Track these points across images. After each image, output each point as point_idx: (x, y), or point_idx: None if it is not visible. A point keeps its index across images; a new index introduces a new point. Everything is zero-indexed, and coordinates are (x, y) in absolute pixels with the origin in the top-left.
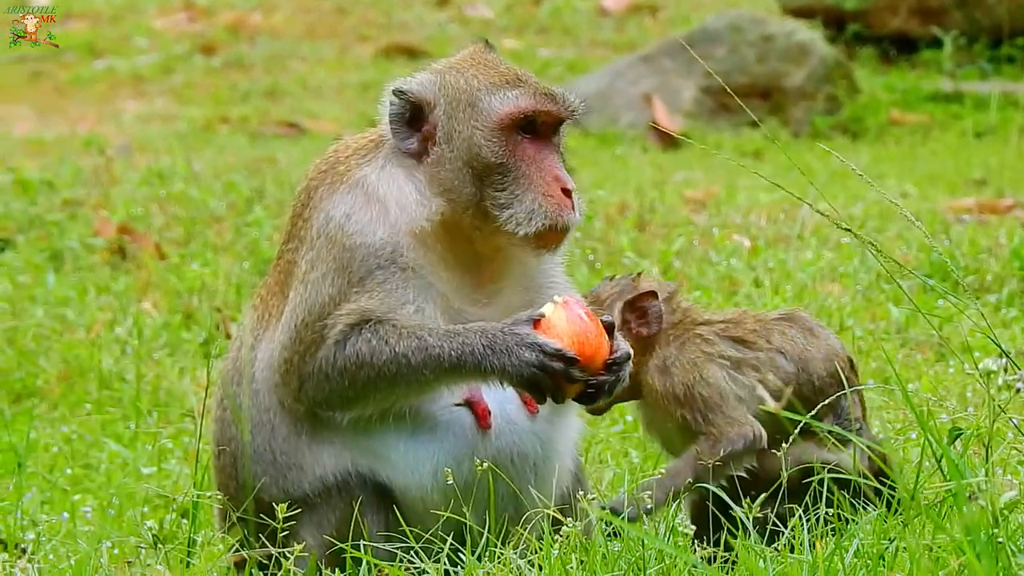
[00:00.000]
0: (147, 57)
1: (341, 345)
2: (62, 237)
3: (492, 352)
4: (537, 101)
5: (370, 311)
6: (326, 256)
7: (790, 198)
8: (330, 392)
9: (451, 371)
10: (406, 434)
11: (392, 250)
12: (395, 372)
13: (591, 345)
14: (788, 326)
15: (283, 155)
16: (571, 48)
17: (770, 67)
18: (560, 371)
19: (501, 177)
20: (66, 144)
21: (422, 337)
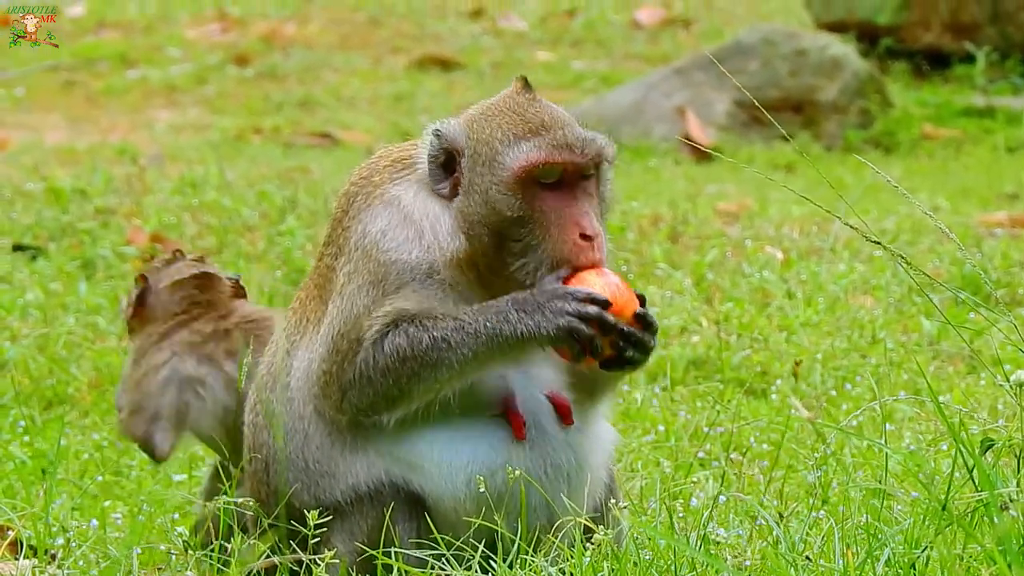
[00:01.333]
0: (180, 67)
1: (379, 345)
2: (94, 245)
3: (526, 313)
4: (551, 153)
5: (405, 310)
6: (362, 269)
7: (822, 212)
8: (374, 395)
9: (490, 343)
10: (441, 444)
11: (428, 267)
12: (436, 358)
13: (623, 296)
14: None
15: (316, 165)
16: (604, 61)
17: (803, 81)
18: (594, 314)
19: (519, 229)
20: (98, 153)
21: (457, 317)
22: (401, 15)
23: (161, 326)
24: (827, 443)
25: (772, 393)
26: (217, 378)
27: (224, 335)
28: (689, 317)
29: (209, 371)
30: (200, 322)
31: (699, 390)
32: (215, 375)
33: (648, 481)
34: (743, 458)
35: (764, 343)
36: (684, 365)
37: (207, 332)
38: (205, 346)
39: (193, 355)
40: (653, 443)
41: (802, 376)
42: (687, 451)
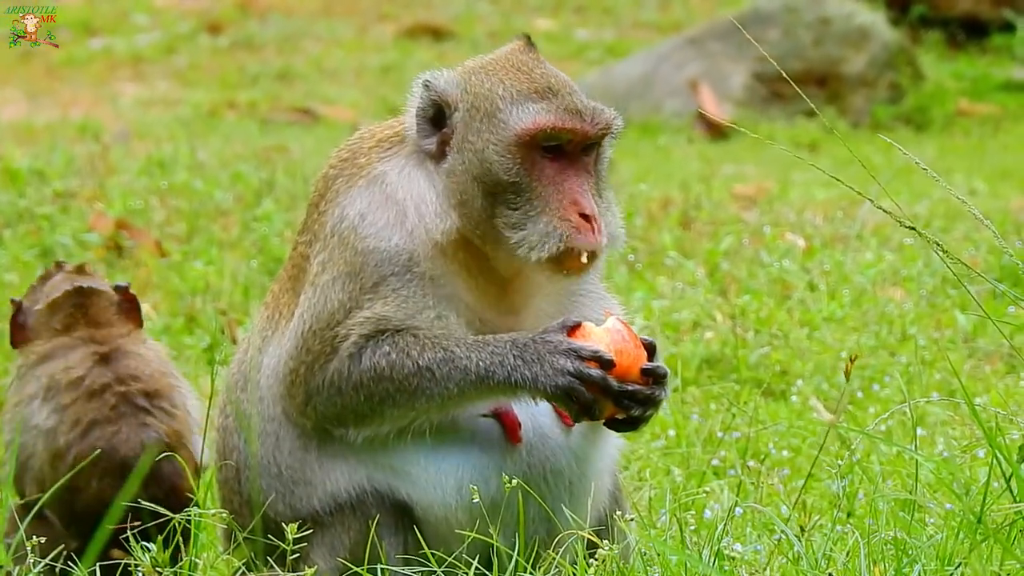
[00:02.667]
0: (148, 36)
1: (356, 358)
2: (53, 232)
3: (523, 362)
4: (560, 118)
5: (386, 319)
6: (337, 258)
7: (848, 195)
8: (342, 408)
9: (479, 384)
10: (428, 447)
11: (408, 258)
12: (417, 386)
13: (629, 354)
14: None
15: (295, 144)
16: (611, 29)
17: (827, 52)
18: (597, 378)
19: (515, 196)
20: (58, 130)
21: (448, 348)
22: None
23: (41, 345)
24: (852, 449)
25: (793, 395)
26: (63, 423)
27: (83, 383)
28: (702, 311)
29: (59, 421)
30: (75, 351)
31: (713, 391)
32: (63, 423)
33: (657, 491)
34: (761, 466)
35: (784, 340)
36: (697, 364)
37: (72, 376)
38: (66, 392)
39: (50, 402)
40: (663, 449)
41: (825, 376)
42: (700, 458)
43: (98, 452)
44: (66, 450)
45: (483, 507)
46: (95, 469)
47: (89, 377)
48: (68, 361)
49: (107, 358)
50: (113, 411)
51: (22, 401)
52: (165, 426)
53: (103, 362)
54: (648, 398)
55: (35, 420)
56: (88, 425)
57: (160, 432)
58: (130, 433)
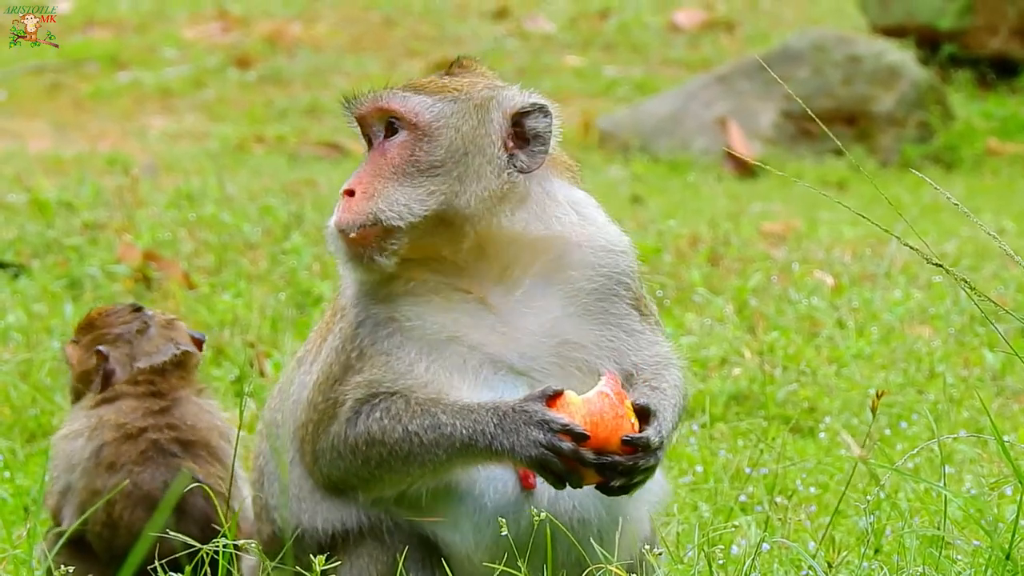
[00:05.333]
0: (176, 69)
1: (352, 423)
2: (81, 263)
3: (502, 431)
4: (348, 112)
5: (377, 382)
6: (336, 310)
7: (876, 232)
8: (344, 471)
9: (463, 451)
10: (445, 486)
11: (365, 300)
12: (408, 452)
13: (606, 426)
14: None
15: (323, 178)
16: (640, 66)
17: (857, 90)
18: (568, 451)
19: None
20: (86, 162)
21: (434, 414)
22: (418, 15)
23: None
24: (881, 485)
25: (821, 431)
26: (100, 464)
27: (139, 438)
28: (730, 347)
29: (97, 461)
30: (132, 400)
31: (741, 427)
32: (100, 464)
33: (685, 526)
34: (788, 502)
35: (812, 376)
36: (724, 400)
37: (118, 420)
38: (107, 433)
39: (92, 441)
40: (691, 485)
41: (853, 412)
42: (727, 494)
43: (127, 489)
44: (101, 488)
45: (510, 542)
46: (126, 505)
47: (131, 423)
48: (121, 407)
49: (160, 409)
50: (141, 454)
51: (68, 435)
52: (198, 468)
53: (154, 411)
54: (629, 468)
55: (76, 457)
56: (119, 466)
57: (188, 470)
58: (155, 472)
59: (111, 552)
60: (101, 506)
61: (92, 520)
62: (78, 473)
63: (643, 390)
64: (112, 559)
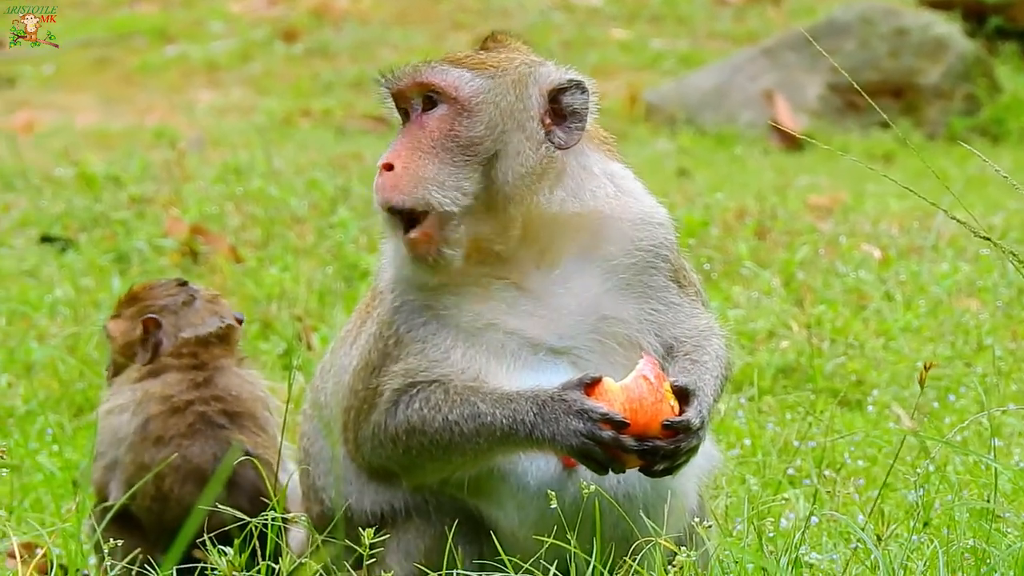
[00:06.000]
0: (223, 43)
1: (392, 413)
2: (129, 237)
3: (542, 421)
4: (383, 84)
5: (414, 370)
6: (374, 296)
7: (923, 205)
8: (387, 459)
9: (504, 440)
10: (483, 478)
11: (403, 288)
12: (448, 440)
13: (646, 411)
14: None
15: (370, 152)
16: (686, 39)
17: (903, 63)
18: (608, 439)
19: None
20: (134, 136)
21: (474, 403)
22: None
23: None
24: (930, 458)
25: (869, 404)
26: (147, 438)
27: (186, 410)
28: (778, 321)
29: (143, 435)
30: (175, 373)
31: (789, 400)
32: (147, 438)
33: (734, 500)
34: (837, 475)
35: (860, 349)
36: (772, 373)
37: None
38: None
39: (138, 416)
40: (739, 458)
41: (901, 385)
42: (776, 467)
43: (176, 462)
44: (148, 462)
45: (557, 516)
46: (176, 478)
47: (177, 396)
48: (166, 380)
49: (204, 380)
50: (189, 427)
51: (113, 410)
52: (246, 439)
53: (198, 383)
54: (671, 452)
55: (122, 432)
56: (167, 439)
57: (237, 442)
58: (204, 445)
59: (161, 526)
60: (150, 480)
61: (141, 494)
62: (124, 447)
63: (684, 364)
64: (161, 533)
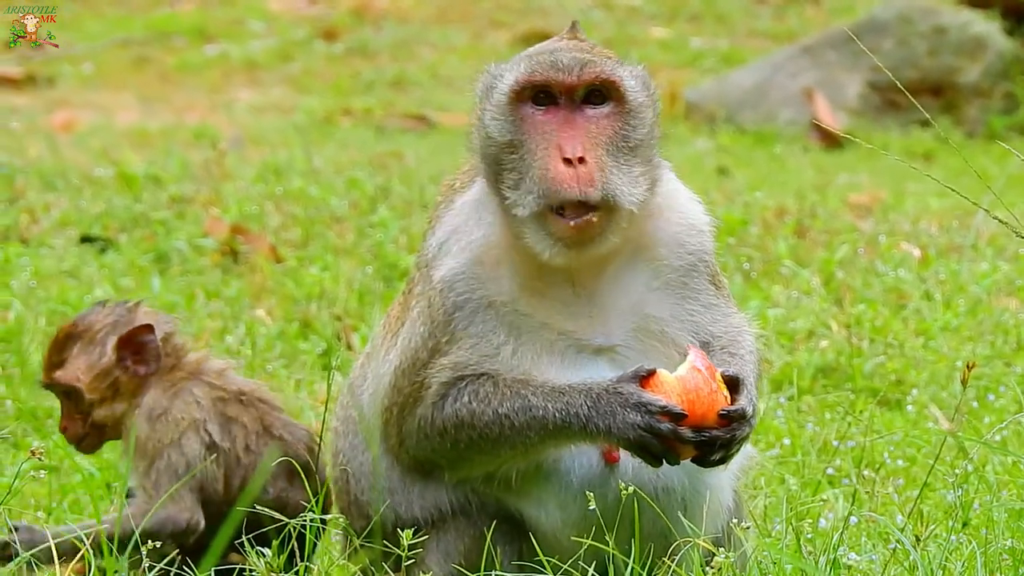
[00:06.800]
0: (263, 42)
1: (439, 407)
2: (169, 237)
3: (597, 414)
4: (535, 70)
5: (463, 364)
6: (424, 291)
7: (963, 204)
8: (432, 452)
9: (556, 432)
10: (527, 472)
11: (466, 284)
12: (498, 434)
13: (703, 402)
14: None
15: (410, 151)
16: (726, 38)
17: (942, 61)
18: (667, 432)
19: (509, 156)
20: (173, 136)
21: (525, 396)
22: None
23: (170, 376)
24: (969, 458)
25: (908, 404)
26: (235, 442)
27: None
28: (817, 320)
29: (231, 439)
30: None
31: (828, 400)
32: (235, 442)
33: (772, 499)
34: (876, 475)
35: (899, 349)
36: (812, 373)
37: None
38: (228, 406)
39: (218, 419)
40: (778, 458)
41: (940, 385)
42: (815, 467)
43: (267, 460)
44: (236, 465)
45: (597, 517)
46: (268, 476)
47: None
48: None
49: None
50: (258, 422)
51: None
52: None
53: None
54: (727, 441)
55: (199, 446)
56: (254, 436)
57: (303, 428)
58: (283, 432)
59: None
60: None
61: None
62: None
63: (722, 357)
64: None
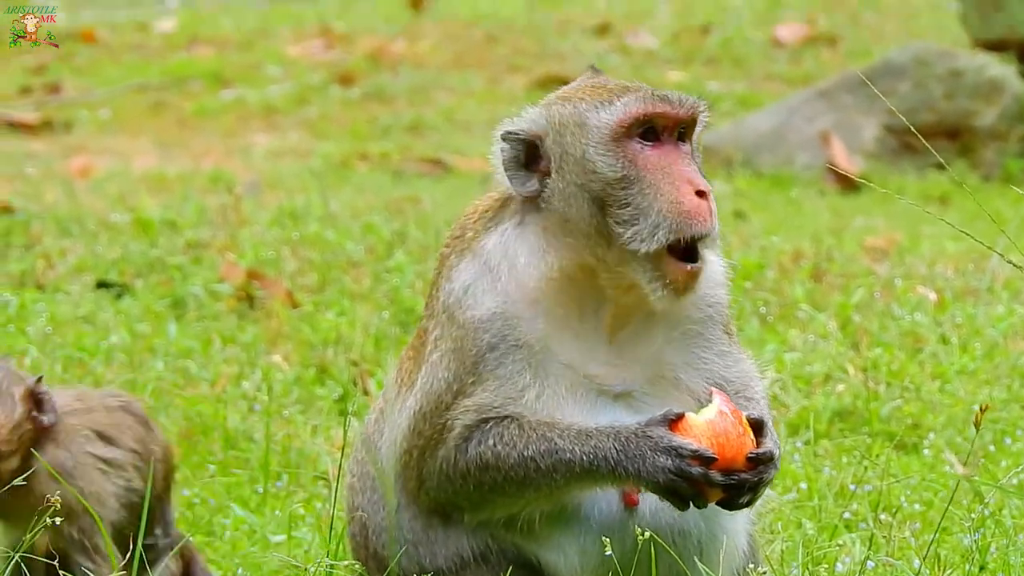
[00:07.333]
0: (279, 87)
1: (463, 449)
2: (185, 282)
3: (626, 457)
4: (648, 103)
5: (487, 406)
6: (446, 334)
7: (979, 247)
8: (453, 494)
9: (583, 476)
10: (547, 515)
11: (502, 324)
12: (523, 476)
13: (732, 445)
14: (128, 417)
15: (427, 195)
16: (742, 81)
17: (959, 105)
18: (698, 476)
19: (623, 192)
20: (190, 181)
21: (551, 439)
22: (520, 31)
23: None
24: (985, 503)
25: (925, 448)
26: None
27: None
28: (834, 364)
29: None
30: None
31: (845, 444)
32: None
33: (789, 544)
34: (893, 519)
35: (916, 392)
36: (828, 416)
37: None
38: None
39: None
40: (795, 502)
41: (957, 429)
42: (832, 511)
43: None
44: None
45: (614, 562)
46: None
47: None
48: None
49: None
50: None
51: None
52: None
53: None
54: (755, 484)
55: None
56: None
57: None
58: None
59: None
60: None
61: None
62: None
63: (738, 401)
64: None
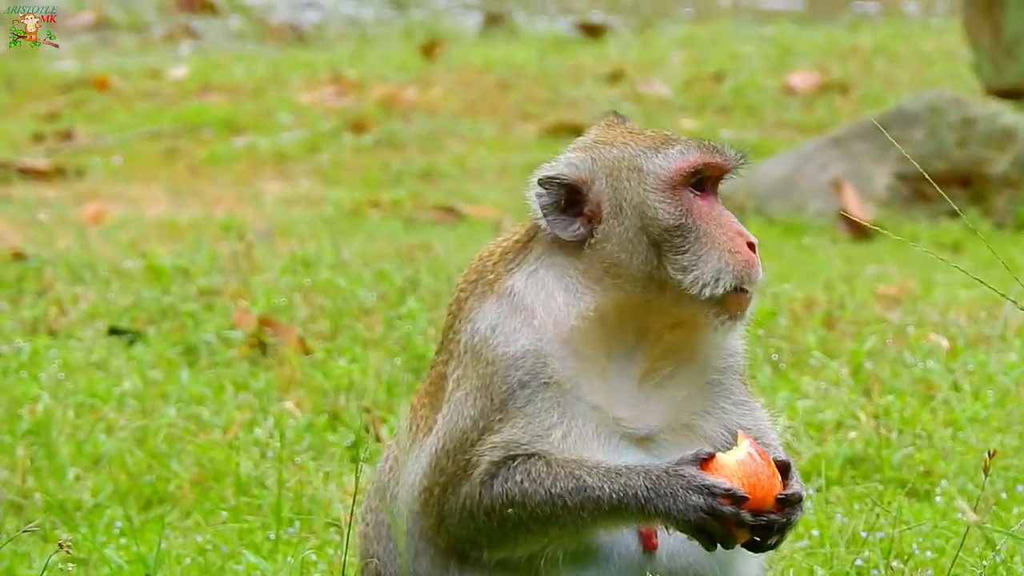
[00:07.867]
0: (291, 134)
1: (488, 485)
2: (197, 329)
3: (656, 495)
4: (705, 153)
5: (515, 443)
6: (471, 373)
7: (992, 295)
8: (475, 531)
9: (612, 514)
10: (566, 556)
11: (534, 361)
12: (549, 514)
13: (763, 486)
14: None
15: (439, 242)
16: (755, 129)
17: (971, 152)
18: (730, 515)
19: (681, 239)
20: (202, 228)
21: (579, 477)
22: (532, 78)
23: None
24: (997, 550)
25: (937, 495)
26: None
27: None
28: (846, 411)
29: None
30: None
31: (857, 491)
32: None
33: None
34: (905, 566)
35: (928, 440)
36: (840, 463)
37: None
38: None
39: None
40: (806, 549)
41: (969, 476)
42: (844, 558)
43: None
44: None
45: None
46: None
47: None
48: None
49: None
50: None
51: None
52: None
53: None
54: (783, 525)
55: None
56: None
57: None
58: None
59: None
60: None
61: None
62: None
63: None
64: None
